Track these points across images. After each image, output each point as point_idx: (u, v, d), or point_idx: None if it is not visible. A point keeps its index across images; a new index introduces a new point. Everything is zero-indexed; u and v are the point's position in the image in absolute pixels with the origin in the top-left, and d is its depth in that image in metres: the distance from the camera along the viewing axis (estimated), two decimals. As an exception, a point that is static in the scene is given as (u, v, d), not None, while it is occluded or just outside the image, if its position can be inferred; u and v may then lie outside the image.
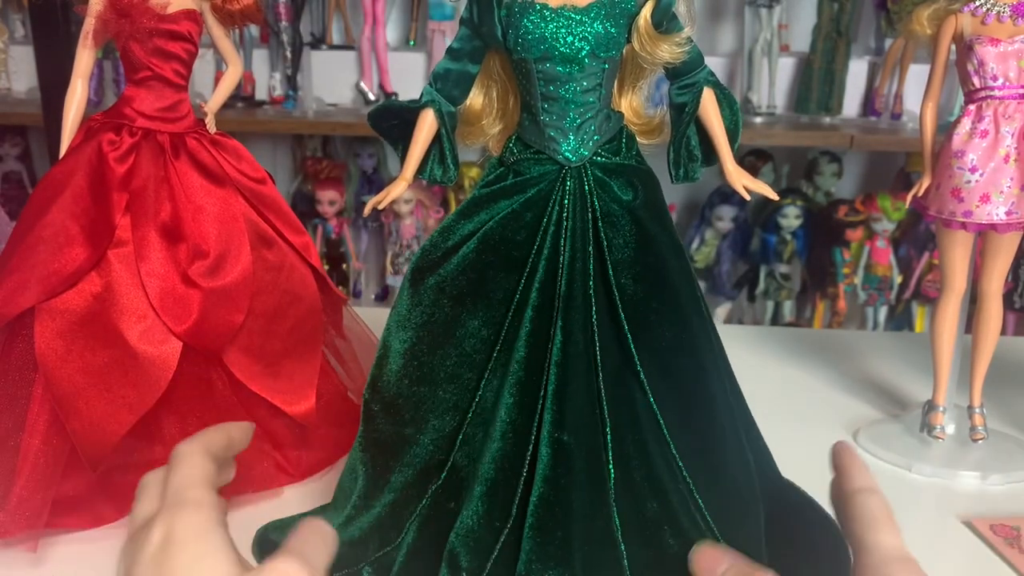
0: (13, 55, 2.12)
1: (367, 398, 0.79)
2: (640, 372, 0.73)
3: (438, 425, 0.75)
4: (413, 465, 0.76)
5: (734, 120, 0.80)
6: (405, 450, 0.76)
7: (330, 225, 2.07)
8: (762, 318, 2.13)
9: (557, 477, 0.70)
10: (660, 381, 0.74)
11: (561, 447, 0.70)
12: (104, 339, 0.84)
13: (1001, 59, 0.94)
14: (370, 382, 0.79)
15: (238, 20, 0.97)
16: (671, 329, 0.75)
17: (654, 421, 0.73)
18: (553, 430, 0.70)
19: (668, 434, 0.73)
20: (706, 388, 0.76)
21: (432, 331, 0.76)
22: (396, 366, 0.77)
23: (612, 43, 0.74)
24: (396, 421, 0.77)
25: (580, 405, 0.72)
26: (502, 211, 0.76)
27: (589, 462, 0.71)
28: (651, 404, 0.73)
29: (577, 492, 0.70)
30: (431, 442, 0.75)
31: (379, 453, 0.78)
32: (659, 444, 0.73)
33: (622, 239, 0.75)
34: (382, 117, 0.82)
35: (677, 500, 0.72)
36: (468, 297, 0.75)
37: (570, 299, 0.73)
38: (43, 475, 0.82)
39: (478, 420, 0.74)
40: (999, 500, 0.96)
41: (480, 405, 0.74)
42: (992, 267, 1.01)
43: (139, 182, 0.89)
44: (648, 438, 0.73)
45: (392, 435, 0.77)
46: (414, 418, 0.76)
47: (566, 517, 0.69)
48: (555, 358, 0.72)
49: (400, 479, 0.76)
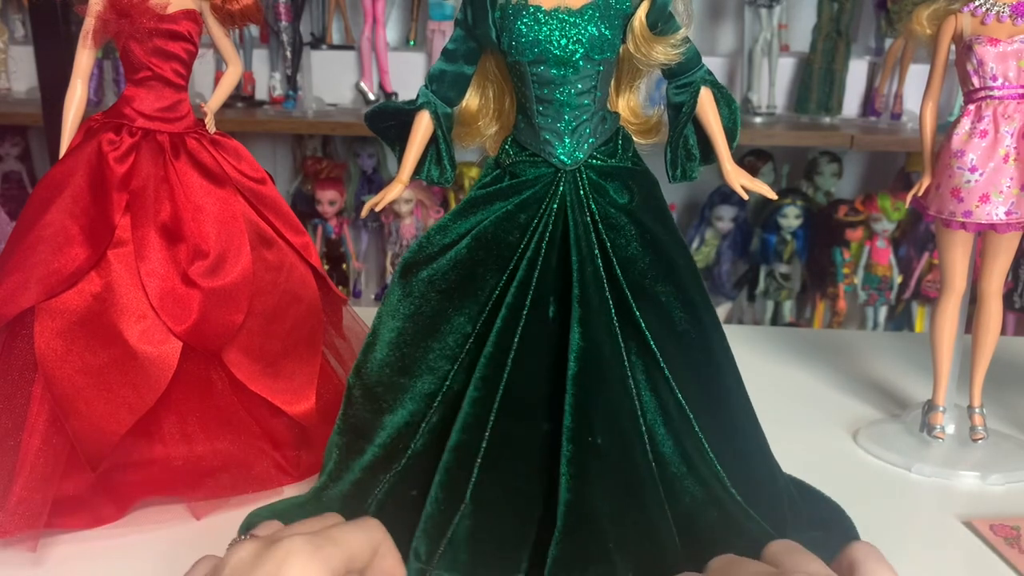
0: (13, 55, 2.12)
1: (351, 383, 0.81)
2: (664, 368, 0.74)
3: (405, 414, 0.77)
4: (383, 446, 0.78)
5: (732, 119, 0.80)
6: (377, 434, 0.78)
7: (330, 225, 2.07)
8: (762, 318, 2.13)
9: (589, 482, 0.70)
10: (684, 376, 0.74)
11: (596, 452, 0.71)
12: (104, 339, 0.85)
13: (1001, 59, 0.94)
14: (355, 367, 0.80)
15: (238, 20, 0.97)
16: (686, 324, 0.76)
17: (685, 417, 0.74)
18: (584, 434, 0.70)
19: (698, 427, 0.74)
20: (723, 381, 0.78)
21: (418, 323, 0.77)
22: (381, 354, 0.78)
23: (607, 45, 0.74)
24: (373, 408, 0.79)
25: (612, 409, 0.72)
26: (497, 211, 0.76)
27: (623, 461, 0.71)
28: (680, 400, 0.74)
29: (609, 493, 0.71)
30: (396, 428, 0.77)
31: (354, 438, 0.80)
32: (691, 437, 0.74)
33: (624, 239, 0.76)
34: (379, 118, 0.82)
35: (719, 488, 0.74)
36: (456, 293, 0.76)
37: (586, 304, 0.73)
38: (43, 475, 0.82)
39: (442, 409, 0.76)
40: (999, 500, 0.96)
41: (445, 395, 0.76)
42: (992, 267, 1.01)
43: (139, 182, 0.89)
44: (681, 430, 0.74)
45: (368, 421, 0.79)
46: (391, 406, 0.78)
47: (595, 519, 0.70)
48: (572, 370, 0.71)
49: (366, 460, 0.79)
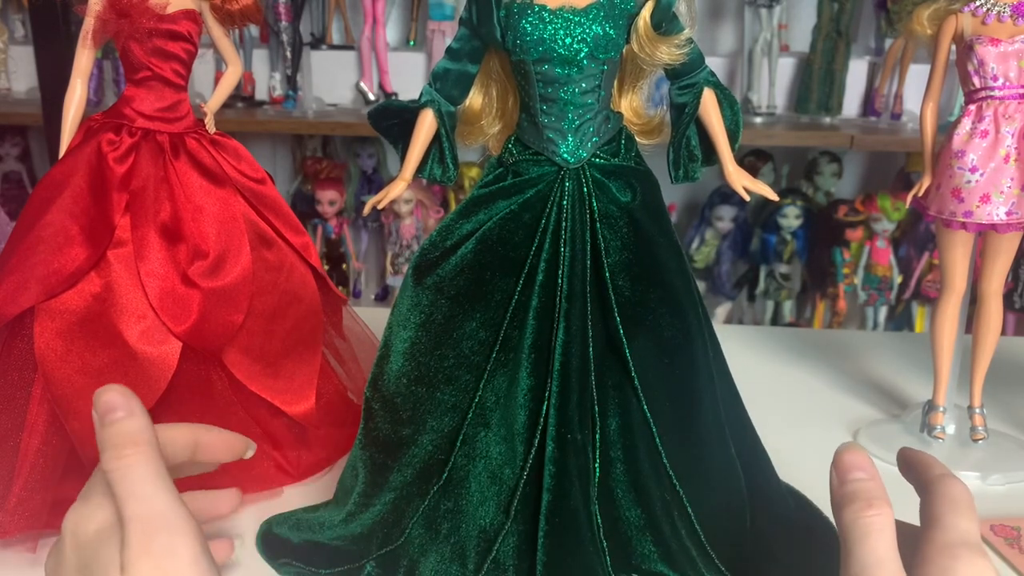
0: (13, 55, 2.12)
1: (368, 396, 0.79)
2: (635, 377, 0.73)
3: (436, 426, 0.75)
4: (412, 465, 0.76)
5: (735, 120, 0.80)
6: (403, 450, 0.76)
7: (330, 225, 2.07)
8: (762, 318, 2.13)
9: (562, 480, 0.70)
10: (654, 386, 0.74)
11: (569, 447, 0.71)
12: (104, 339, 0.84)
13: (1001, 59, 0.94)
14: (371, 380, 0.79)
15: (238, 20, 0.97)
16: (667, 331, 0.75)
17: (647, 428, 0.74)
18: (562, 431, 0.71)
19: (660, 442, 0.74)
20: (695, 392, 0.76)
21: (430, 331, 0.76)
22: (396, 365, 0.77)
23: (611, 45, 0.74)
24: (395, 420, 0.77)
25: (579, 408, 0.72)
26: (500, 211, 0.76)
27: (579, 464, 0.71)
28: (644, 411, 0.74)
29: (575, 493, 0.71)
30: (430, 442, 0.75)
31: (378, 451, 0.78)
32: (650, 452, 0.74)
33: (619, 241, 0.75)
34: (382, 116, 0.82)
35: (660, 509, 0.74)
36: (466, 298, 0.75)
37: (571, 301, 0.73)
38: (42, 475, 0.82)
39: (478, 421, 0.74)
40: (999, 500, 0.96)
41: (480, 406, 0.74)
42: (992, 267, 1.01)
43: (139, 182, 0.88)
44: (639, 444, 0.73)
45: (390, 434, 0.77)
46: (412, 418, 0.76)
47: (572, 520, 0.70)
48: (557, 363, 0.72)
49: (399, 478, 0.76)
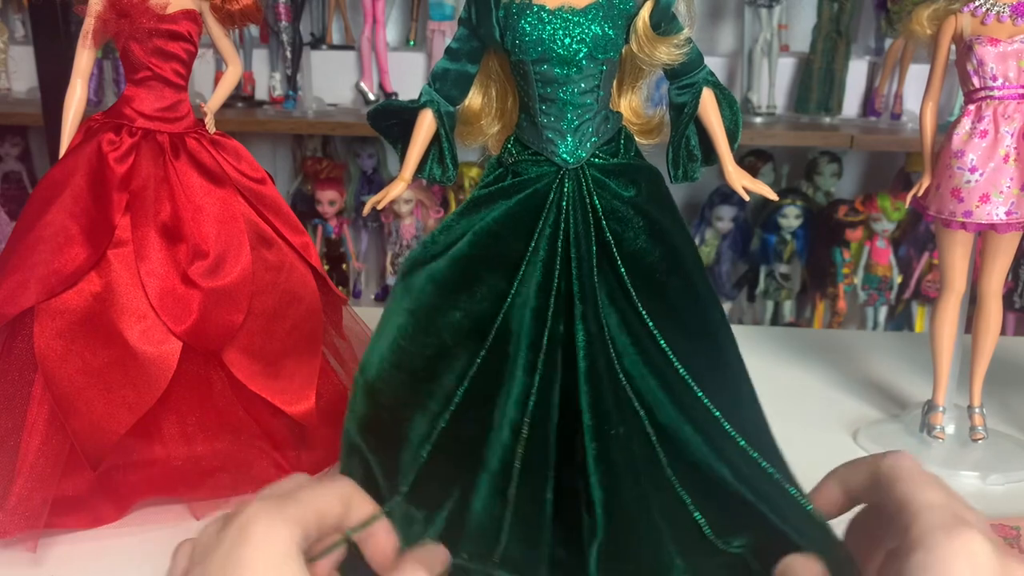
0: (13, 55, 2.12)
1: (355, 379, 0.80)
2: (668, 351, 0.72)
3: (419, 415, 0.75)
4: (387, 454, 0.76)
5: (734, 120, 0.80)
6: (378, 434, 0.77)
7: (330, 225, 2.07)
8: (762, 318, 2.13)
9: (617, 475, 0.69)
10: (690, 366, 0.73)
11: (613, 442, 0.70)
12: (104, 339, 0.85)
13: (1001, 59, 0.94)
14: (361, 363, 0.80)
15: (238, 20, 0.97)
16: (693, 318, 0.75)
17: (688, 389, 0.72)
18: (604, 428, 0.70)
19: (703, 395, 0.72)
20: (733, 373, 0.76)
21: (417, 317, 0.76)
22: (380, 350, 0.78)
23: (610, 45, 0.74)
24: (374, 404, 0.78)
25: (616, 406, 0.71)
26: (499, 209, 0.76)
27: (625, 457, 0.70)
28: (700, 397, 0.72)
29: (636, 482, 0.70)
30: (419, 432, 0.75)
31: (357, 433, 0.78)
32: (697, 405, 0.72)
33: (632, 232, 0.75)
34: (381, 116, 0.82)
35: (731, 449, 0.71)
36: (453, 289, 0.75)
37: (584, 302, 0.72)
38: (42, 475, 0.82)
39: (461, 415, 0.74)
40: (999, 500, 0.96)
41: (461, 401, 0.74)
42: (992, 267, 1.01)
43: (139, 182, 0.89)
44: (684, 402, 0.72)
45: (370, 419, 0.78)
46: (391, 403, 0.76)
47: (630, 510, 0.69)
48: (583, 364, 0.70)
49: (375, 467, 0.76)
